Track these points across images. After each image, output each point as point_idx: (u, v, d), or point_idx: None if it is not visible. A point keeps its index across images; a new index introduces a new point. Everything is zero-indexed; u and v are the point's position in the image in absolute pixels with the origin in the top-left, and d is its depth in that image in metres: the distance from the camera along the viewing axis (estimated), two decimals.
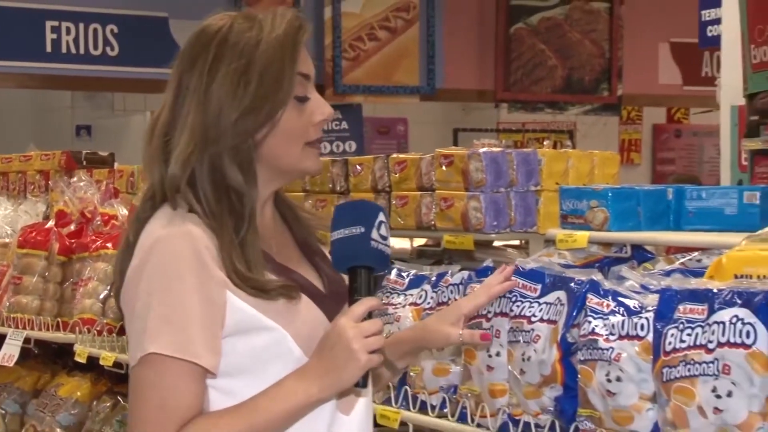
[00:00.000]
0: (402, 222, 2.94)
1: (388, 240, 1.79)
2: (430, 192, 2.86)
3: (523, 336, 2.13)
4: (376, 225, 1.77)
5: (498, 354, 2.20)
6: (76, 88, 9.27)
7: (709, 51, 8.82)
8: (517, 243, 3.14)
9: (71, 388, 3.75)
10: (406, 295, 2.54)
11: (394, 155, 3.04)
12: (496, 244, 3.05)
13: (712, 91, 5.49)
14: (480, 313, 2.17)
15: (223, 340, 1.74)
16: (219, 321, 1.72)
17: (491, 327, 2.18)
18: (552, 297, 2.11)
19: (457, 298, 2.38)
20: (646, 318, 1.93)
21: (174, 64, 1.83)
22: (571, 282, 2.10)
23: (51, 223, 3.82)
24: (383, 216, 1.79)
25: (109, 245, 3.47)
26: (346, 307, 1.77)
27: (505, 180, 2.76)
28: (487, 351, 2.22)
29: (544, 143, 8.37)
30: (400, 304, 2.53)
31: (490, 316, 2.18)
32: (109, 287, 3.38)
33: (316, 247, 1.91)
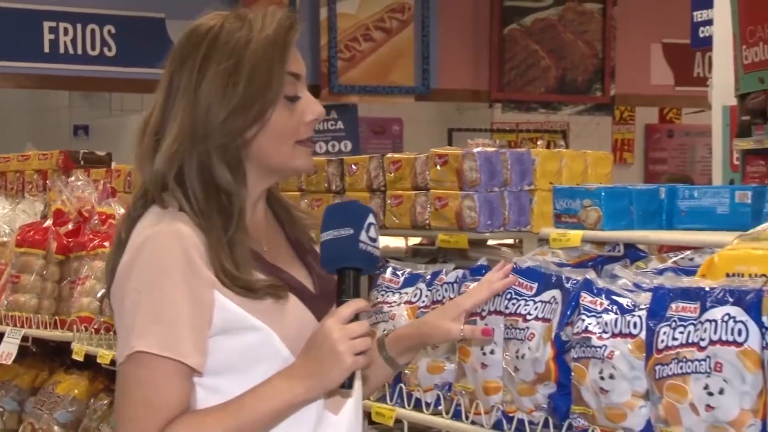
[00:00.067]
0: (397, 221, 2.92)
1: (377, 242, 1.78)
2: (425, 191, 2.84)
3: (517, 334, 2.13)
4: (365, 227, 1.76)
5: (492, 352, 2.20)
6: (73, 88, 9.25)
7: (701, 52, 8.83)
8: (510, 242, 3.13)
9: (69, 385, 3.74)
10: (401, 293, 2.55)
11: (389, 155, 3.02)
12: (490, 243, 3.03)
13: (704, 91, 5.50)
14: (474, 311, 2.17)
15: (211, 339, 1.73)
16: (206, 320, 1.72)
17: (486, 325, 2.17)
18: (547, 295, 2.12)
19: (452, 296, 2.38)
20: (639, 316, 1.93)
21: (165, 64, 1.82)
22: (566, 281, 2.10)
23: (49, 222, 3.81)
24: (373, 218, 1.78)
25: (106, 244, 3.44)
26: (335, 308, 1.77)
27: (499, 179, 2.75)
28: (482, 349, 2.22)
29: (538, 143, 8.38)
30: (395, 302, 2.54)
31: (484, 314, 2.17)
32: (106, 286, 3.39)
33: (309, 247, 1.90)
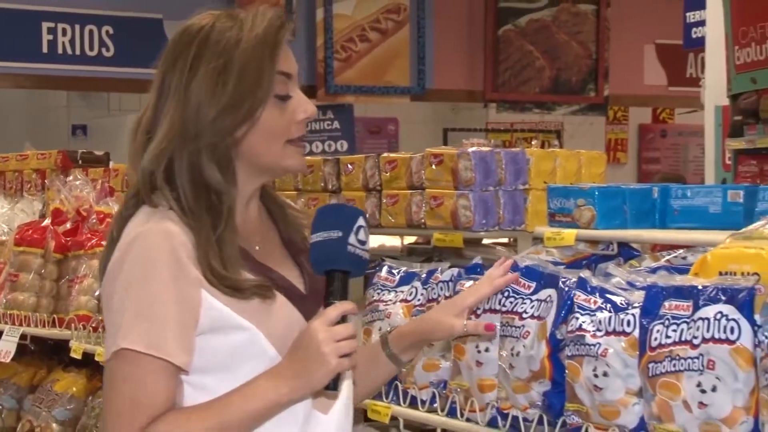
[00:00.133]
0: (392, 220, 2.93)
1: (366, 245, 1.77)
2: (420, 191, 2.85)
3: (512, 332, 2.13)
4: (354, 230, 1.76)
5: (487, 349, 2.20)
6: (72, 88, 9.24)
7: (693, 52, 8.85)
8: (505, 241, 3.13)
9: (67, 383, 3.74)
10: (396, 291, 2.55)
11: (385, 154, 3.02)
12: (485, 242, 3.03)
13: (697, 91, 5.53)
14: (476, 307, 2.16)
15: (198, 337, 1.74)
16: (193, 319, 1.73)
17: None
18: (544, 294, 2.12)
19: (447, 294, 2.38)
20: (633, 314, 1.94)
21: (158, 63, 1.82)
22: (560, 279, 2.10)
23: (47, 221, 3.81)
24: (363, 221, 1.78)
25: (104, 243, 3.45)
26: (322, 310, 1.76)
27: (493, 179, 2.75)
28: (477, 347, 2.22)
29: (532, 143, 8.39)
30: (390, 300, 2.54)
31: (479, 312, 2.17)
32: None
33: (303, 246, 1.89)
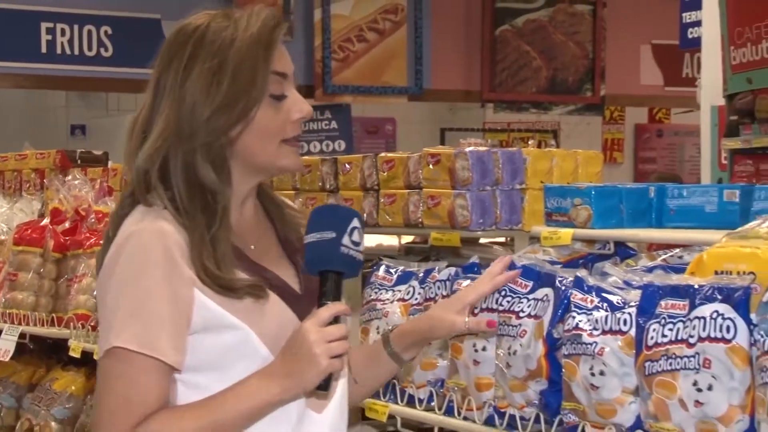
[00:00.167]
0: (390, 219, 2.92)
1: (360, 246, 1.77)
2: (418, 190, 2.84)
3: (509, 330, 2.13)
4: (348, 231, 1.76)
5: (484, 348, 2.21)
6: (70, 88, 9.26)
7: (689, 52, 8.85)
8: (502, 240, 3.14)
9: (66, 382, 3.74)
10: (394, 291, 2.55)
11: (383, 154, 3.01)
12: (482, 241, 3.04)
13: (693, 91, 5.52)
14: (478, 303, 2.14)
15: (190, 336, 1.74)
16: (185, 318, 1.73)
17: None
18: (540, 293, 2.12)
19: (444, 293, 2.38)
20: (629, 313, 1.94)
21: (154, 63, 1.83)
22: (557, 279, 2.11)
23: (46, 220, 3.80)
24: (358, 222, 1.77)
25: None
26: (315, 310, 1.76)
27: (490, 178, 2.75)
28: (474, 346, 2.22)
29: (529, 142, 8.38)
30: (388, 299, 2.55)
31: (476, 311, 2.15)
32: None
33: (299, 245, 1.88)
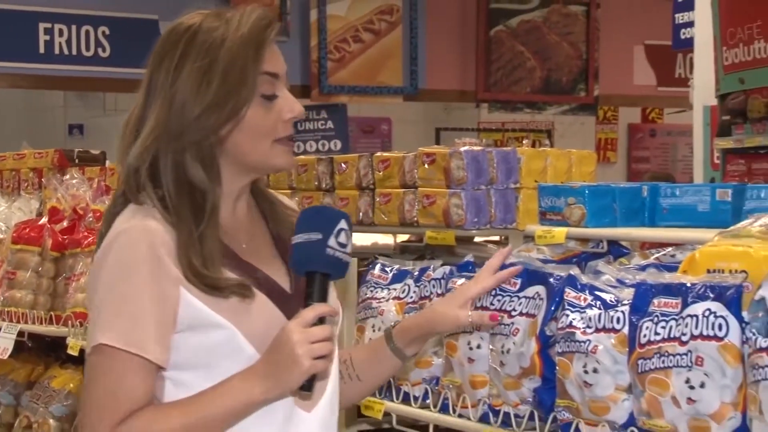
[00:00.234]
0: (385, 218, 2.93)
1: (347, 247, 1.77)
2: (413, 189, 2.85)
3: (502, 329, 2.14)
4: (334, 232, 1.75)
5: (479, 347, 2.22)
6: (68, 88, 9.27)
7: (682, 53, 8.89)
8: (497, 239, 3.14)
9: (64, 380, 3.74)
10: (389, 289, 2.56)
11: (378, 154, 3.02)
12: (476, 240, 3.04)
13: (686, 91, 5.56)
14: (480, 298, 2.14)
15: (177, 335, 1.75)
16: (170, 316, 1.74)
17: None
18: (531, 291, 2.12)
19: (439, 292, 2.39)
20: (622, 311, 1.94)
21: (147, 62, 1.83)
22: (550, 277, 2.11)
23: (44, 219, 3.81)
24: (345, 223, 1.77)
25: None
26: (300, 311, 1.76)
27: (485, 178, 2.75)
28: (468, 344, 2.23)
29: (524, 142, 8.39)
30: (383, 298, 2.56)
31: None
32: None
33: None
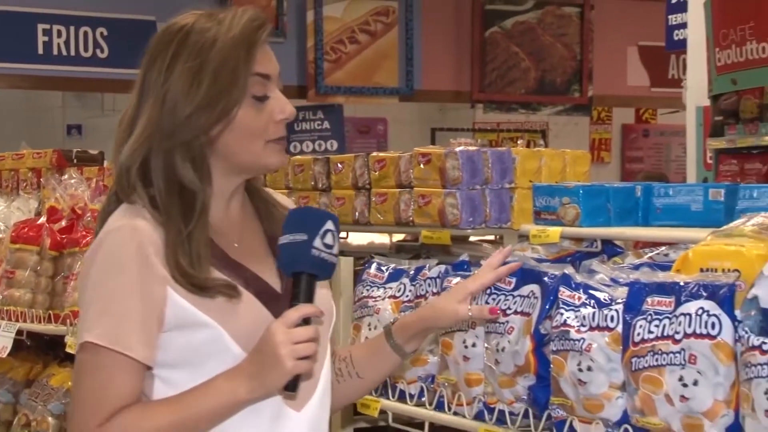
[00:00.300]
0: (381, 218, 2.95)
1: (333, 248, 1.76)
2: (409, 189, 2.87)
3: (497, 327, 2.15)
4: (320, 234, 1.75)
5: (474, 345, 2.23)
6: (67, 89, 9.26)
7: (675, 54, 8.90)
8: (492, 238, 3.16)
9: (62, 378, 3.73)
10: (385, 288, 2.58)
11: (374, 154, 3.04)
12: (471, 239, 3.05)
13: (679, 92, 5.57)
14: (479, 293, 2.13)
15: (164, 334, 1.75)
16: (156, 315, 1.74)
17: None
18: (526, 290, 2.13)
19: (435, 291, 2.40)
20: (616, 310, 1.96)
21: (141, 62, 1.84)
22: (545, 276, 2.12)
23: (43, 219, 3.80)
24: (332, 225, 1.77)
25: None
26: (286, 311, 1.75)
27: (480, 178, 2.77)
28: (464, 342, 2.25)
29: (518, 142, 8.39)
30: (379, 296, 2.57)
31: None
32: None
33: None
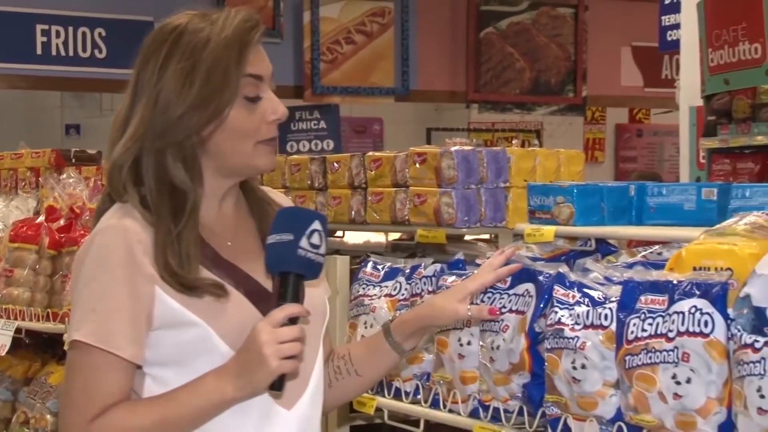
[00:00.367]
0: (377, 217, 2.96)
1: (320, 248, 1.76)
2: (404, 188, 2.88)
3: (492, 326, 2.16)
4: (307, 234, 1.75)
5: (469, 343, 2.24)
6: (65, 89, 9.26)
7: (668, 54, 8.92)
8: (487, 237, 3.18)
9: (61, 376, 3.66)
10: (381, 286, 2.57)
11: (370, 153, 3.05)
12: (467, 238, 3.07)
13: (672, 92, 5.58)
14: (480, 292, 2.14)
15: (153, 332, 1.77)
16: (143, 314, 1.75)
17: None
18: (521, 288, 2.14)
19: (430, 289, 2.41)
20: (610, 308, 1.96)
21: (135, 61, 1.85)
22: (539, 274, 2.13)
23: (41, 218, 3.79)
24: (319, 224, 1.76)
25: None
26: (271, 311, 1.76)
27: (475, 177, 2.78)
28: (459, 340, 2.25)
29: (513, 142, 8.40)
30: (375, 295, 2.57)
31: None
32: None
33: None
